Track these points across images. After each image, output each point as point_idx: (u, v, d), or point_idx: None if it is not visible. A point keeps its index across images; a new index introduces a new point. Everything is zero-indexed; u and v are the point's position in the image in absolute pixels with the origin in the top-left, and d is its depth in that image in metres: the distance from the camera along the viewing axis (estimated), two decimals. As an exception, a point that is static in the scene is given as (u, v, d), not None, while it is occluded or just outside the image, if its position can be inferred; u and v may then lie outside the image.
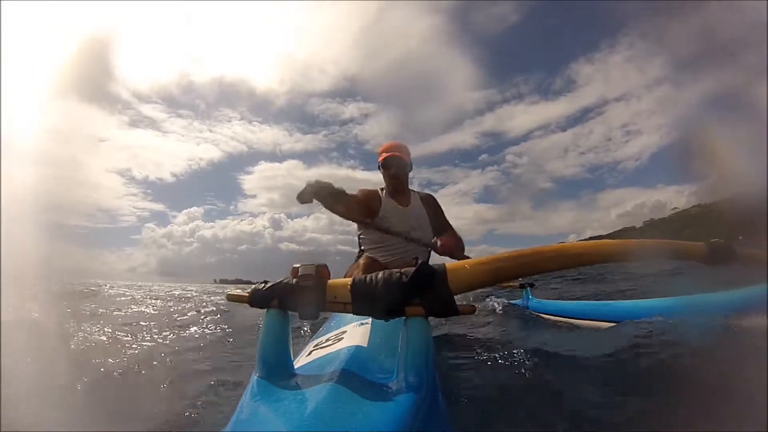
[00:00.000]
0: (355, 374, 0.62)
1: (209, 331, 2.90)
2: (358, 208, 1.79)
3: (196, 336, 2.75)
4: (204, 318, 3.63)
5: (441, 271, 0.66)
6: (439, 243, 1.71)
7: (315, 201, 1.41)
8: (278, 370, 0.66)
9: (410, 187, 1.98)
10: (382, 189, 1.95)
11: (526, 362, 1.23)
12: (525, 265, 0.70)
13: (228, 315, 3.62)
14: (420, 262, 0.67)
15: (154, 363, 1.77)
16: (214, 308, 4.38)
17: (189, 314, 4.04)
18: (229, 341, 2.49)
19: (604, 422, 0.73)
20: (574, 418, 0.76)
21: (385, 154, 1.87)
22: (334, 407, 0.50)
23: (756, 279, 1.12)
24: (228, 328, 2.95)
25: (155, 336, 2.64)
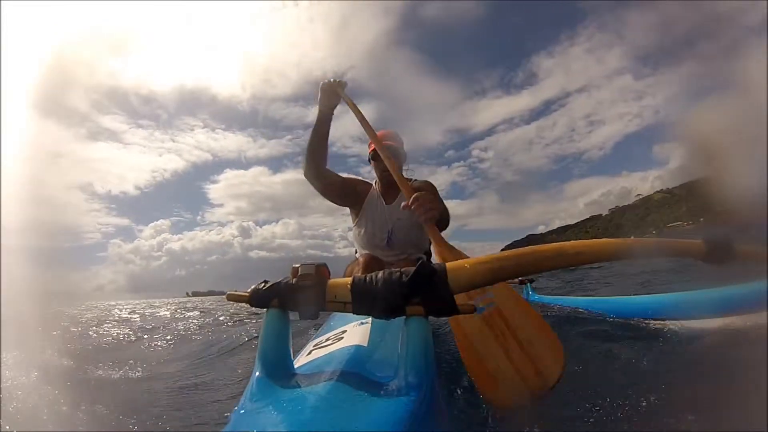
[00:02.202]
0: (355, 374, 0.63)
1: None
2: (340, 185, 1.71)
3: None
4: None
5: (441, 271, 0.66)
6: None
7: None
8: (278, 370, 0.66)
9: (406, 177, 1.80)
10: (375, 182, 1.84)
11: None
12: (525, 264, 0.71)
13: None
14: (420, 261, 0.67)
15: (155, 364, 1.78)
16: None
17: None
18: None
19: (605, 421, 0.74)
20: (575, 416, 0.77)
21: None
22: (334, 407, 0.50)
23: (755, 276, 1.12)
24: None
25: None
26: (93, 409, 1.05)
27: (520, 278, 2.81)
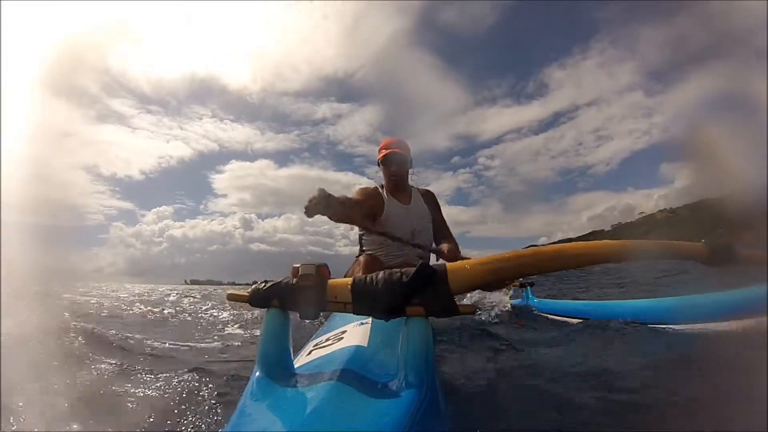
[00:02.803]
0: (355, 374, 0.63)
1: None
2: (360, 210, 1.76)
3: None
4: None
5: (441, 271, 0.66)
6: (444, 249, 1.71)
7: (320, 214, 1.38)
8: (278, 370, 0.66)
9: (410, 183, 1.94)
10: (381, 186, 1.92)
11: (526, 361, 1.23)
12: (525, 266, 0.70)
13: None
14: (420, 262, 0.67)
15: (154, 362, 1.78)
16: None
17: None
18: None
19: (604, 422, 0.74)
20: (574, 417, 0.77)
21: (385, 151, 1.85)
22: (334, 407, 0.50)
23: (756, 280, 1.12)
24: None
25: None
26: (90, 407, 1.05)
27: (520, 281, 2.81)
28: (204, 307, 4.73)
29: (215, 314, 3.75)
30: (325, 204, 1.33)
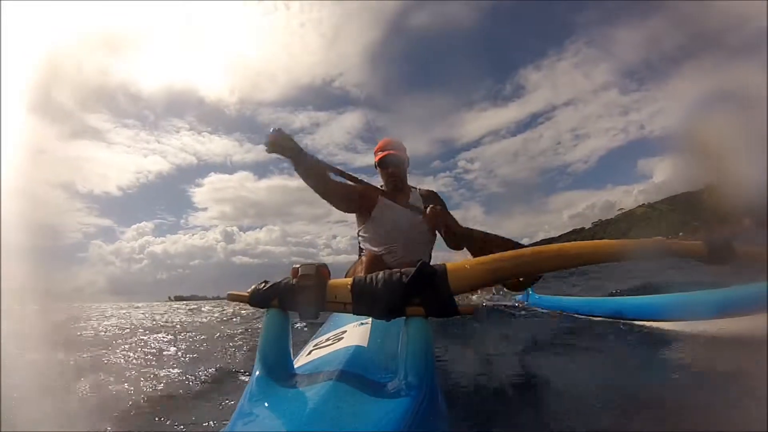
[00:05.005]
0: (355, 374, 0.63)
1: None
2: (346, 195, 1.78)
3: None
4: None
5: (441, 271, 0.66)
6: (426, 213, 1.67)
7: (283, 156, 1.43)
8: (278, 370, 0.66)
9: (410, 183, 1.93)
10: (381, 186, 1.90)
11: (526, 360, 1.23)
12: (525, 265, 0.71)
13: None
14: (421, 261, 0.67)
15: (154, 361, 1.78)
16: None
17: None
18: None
19: (604, 421, 0.74)
20: (574, 416, 0.77)
21: (381, 153, 1.84)
22: (334, 407, 0.50)
23: (755, 277, 1.12)
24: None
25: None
26: (89, 406, 1.06)
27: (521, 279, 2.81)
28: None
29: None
30: (279, 142, 1.39)
